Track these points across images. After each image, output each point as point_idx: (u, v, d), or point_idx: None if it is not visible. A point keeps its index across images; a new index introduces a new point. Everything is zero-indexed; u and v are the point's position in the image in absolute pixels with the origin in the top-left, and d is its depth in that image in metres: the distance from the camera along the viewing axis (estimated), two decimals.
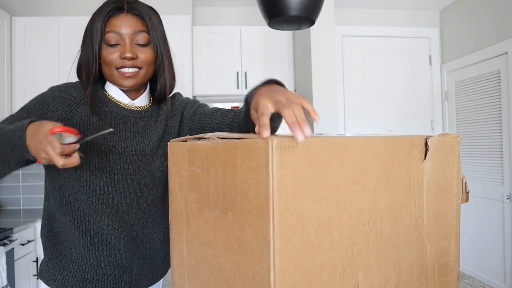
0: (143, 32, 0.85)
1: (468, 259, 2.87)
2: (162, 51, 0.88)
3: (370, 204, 0.50)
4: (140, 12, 0.85)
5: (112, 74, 0.85)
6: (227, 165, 0.50)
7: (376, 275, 0.50)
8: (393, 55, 3.18)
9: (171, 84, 0.95)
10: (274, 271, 0.42)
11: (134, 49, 0.84)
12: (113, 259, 0.87)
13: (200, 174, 0.57)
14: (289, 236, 0.43)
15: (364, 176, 0.49)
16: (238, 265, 0.48)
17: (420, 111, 3.19)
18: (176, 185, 0.65)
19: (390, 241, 0.52)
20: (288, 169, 0.43)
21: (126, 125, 0.90)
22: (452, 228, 0.58)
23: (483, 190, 2.75)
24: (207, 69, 2.92)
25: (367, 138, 0.51)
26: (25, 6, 2.84)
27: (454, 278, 0.58)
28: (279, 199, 0.42)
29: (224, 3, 3.12)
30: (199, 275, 0.59)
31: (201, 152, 0.57)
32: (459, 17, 2.99)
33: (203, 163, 0.56)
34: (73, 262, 0.86)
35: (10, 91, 2.64)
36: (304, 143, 0.44)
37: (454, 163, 0.59)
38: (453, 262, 0.58)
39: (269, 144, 0.42)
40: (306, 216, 0.44)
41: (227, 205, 0.50)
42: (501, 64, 2.57)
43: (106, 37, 0.83)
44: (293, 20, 1.43)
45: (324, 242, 0.46)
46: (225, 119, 0.92)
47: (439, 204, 0.57)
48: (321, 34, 2.56)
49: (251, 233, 0.46)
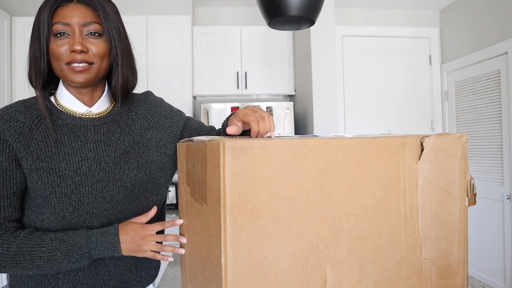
0: (94, 23, 0.77)
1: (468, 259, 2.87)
2: (116, 43, 0.80)
3: (340, 202, 0.52)
4: (91, 1, 0.77)
5: (62, 70, 0.77)
6: (202, 163, 0.57)
7: (348, 270, 0.52)
8: (393, 55, 3.18)
9: (129, 81, 0.86)
10: (225, 255, 0.47)
11: (84, 41, 0.76)
12: (73, 277, 0.82)
13: (191, 170, 0.64)
14: (243, 226, 0.48)
15: (334, 175, 0.52)
16: (208, 249, 0.54)
17: (420, 111, 3.19)
18: (181, 180, 0.75)
19: (369, 239, 0.53)
20: (242, 167, 0.48)
21: (86, 137, 0.82)
22: (455, 231, 0.57)
23: (483, 190, 2.75)
24: (207, 69, 2.92)
25: (341, 139, 0.53)
26: (25, 6, 2.84)
27: (457, 283, 0.57)
28: (231, 193, 0.48)
29: (224, 3, 3.12)
30: (192, 257, 0.67)
31: (191, 152, 0.65)
32: (459, 17, 2.99)
33: (193, 162, 0.64)
34: (31, 278, 0.82)
35: (10, 91, 2.64)
36: (260, 144, 0.49)
37: (456, 164, 0.57)
38: (457, 265, 0.57)
39: (220, 145, 0.48)
40: (262, 209, 0.49)
41: (202, 198, 0.57)
42: (501, 64, 2.57)
43: (54, 29, 0.75)
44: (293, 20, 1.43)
45: (282, 234, 0.50)
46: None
47: (438, 205, 0.57)
48: (321, 34, 2.56)
49: (213, 222, 0.51)
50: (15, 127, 0.76)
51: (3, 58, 2.56)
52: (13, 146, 0.76)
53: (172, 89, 2.79)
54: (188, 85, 2.81)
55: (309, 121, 2.68)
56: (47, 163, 0.77)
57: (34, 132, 0.78)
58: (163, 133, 0.92)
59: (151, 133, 0.90)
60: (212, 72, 2.92)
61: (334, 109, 2.58)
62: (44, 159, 0.77)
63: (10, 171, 0.76)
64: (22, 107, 0.80)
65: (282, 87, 2.98)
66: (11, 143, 0.76)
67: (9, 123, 0.76)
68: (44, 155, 0.77)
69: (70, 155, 0.79)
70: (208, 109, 2.75)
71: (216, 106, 2.75)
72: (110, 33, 0.79)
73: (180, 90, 2.80)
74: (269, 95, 3.13)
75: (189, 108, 2.81)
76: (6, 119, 0.77)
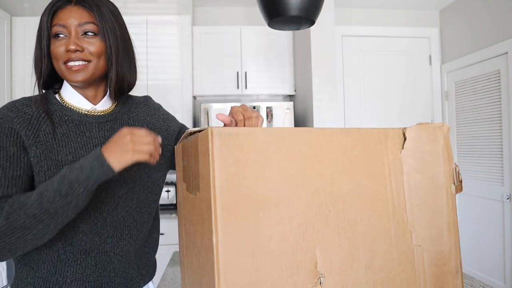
0: (90, 23, 0.81)
1: (468, 259, 2.87)
2: (111, 42, 0.83)
3: (327, 188, 0.54)
4: (88, 3, 0.82)
5: (61, 69, 0.82)
6: (195, 155, 0.59)
7: (338, 253, 0.53)
8: (393, 55, 3.18)
9: (126, 79, 0.88)
10: (216, 236, 0.49)
11: (79, 41, 0.80)
12: (80, 274, 0.83)
13: (187, 166, 0.66)
14: (232, 208, 0.50)
15: (318, 162, 0.54)
16: (201, 235, 0.56)
17: (420, 111, 3.20)
18: (178, 179, 0.76)
19: (357, 224, 0.55)
20: (229, 153, 0.50)
21: (91, 133, 0.85)
22: (444, 217, 0.59)
23: (483, 190, 2.75)
24: (207, 69, 2.92)
25: (324, 129, 0.56)
26: (25, 6, 2.85)
27: (451, 269, 0.58)
28: (219, 177, 0.49)
29: (224, 3, 3.12)
30: (188, 249, 0.68)
31: (186, 148, 0.66)
32: (459, 17, 3.00)
33: (187, 157, 0.65)
34: (37, 278, 0.82)
35: (10, 91, 2.64)
36: (245, 131, 0.51)
37: (439, 152, 0.59)
38: (448, 251, 0.58)
39: (209, 132, 0.50)
40: (250, 193, 0.51)
41: (196, 187, 0.59)
42: (501, 64, 2.57)
43: (53, 31, 0.81)
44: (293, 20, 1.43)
45: (271, 217, 0.51)
46: None
47: (425, 193, 0.58)
48: (321, 34, 2.56)
49: (205, 206, 0.53)
50: (24, 117, 0.80)
51: (3, 58, 2.57)
52: (21, 134, 0.78)
53: (172, 89, 2.79)
54: (188, 85, 2.81)
55: (309, 121, 2.68)
56: (55, 155, 0.80)
57: (41, 124, 0.81)
58: (161, 135, 0.96)
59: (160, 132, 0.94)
60: (212, 72, 2.92)
61: (334, 109, 2.58)
62: (51, 150, 0.80)
63: (18, 156, 0.78)
64: (28, 102, 0.83)
65: (282, 87, 2.99)
66: (19, 131, 0.78)
67: (17, 113, 0.79)
68: (51, 147, 0.80)
69: (76, 150, 0.82)
70: (208, 109, 2.75)
71: (216, 106, 2.75)
72: (105, 32, 0.82)
73: (180, 90, 2.80)
74: (269, 95, 3.13)
75: (189, 108, 2.81)
76: (14, 111, 0.80)
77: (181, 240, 0.77)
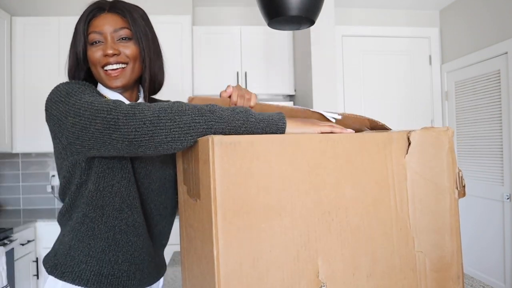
0: (124, 29, 0.86)
1: (468, 259, 2.87)
2: (144, 45, 0.88)
3: (331, 195, 0.53)
4: (121, 9, 0.87)
5: (99, 74, 0.87)
6: (196, 160, 0.58)
7: (340, 262, 0.53)
8: (393, 55, 3.18)
9: (157, 79, 0.96)
10: (217, 248, 0.48)
11: (116, 45, 0.85)
12: (130, 256, 0.88)
13: (187, 170, 0.66)
14: (233, 219, 0.49)
15: (322, 169, 0.53)
16: (202, 243, 0.55)
17: (420, 111, 3.19)
18: (179, 181, 0.78)
19: (360, 231, 0.54)
20: (231, 162, 0.49)
21: None
22: (446, 223, 0.58)
23: (483, 190, 2.75)
24: (207, 69, 2.92)
25: (327, 135, 0.55)
26: (25, 6, 2.85)
27: (452, 275, 0.58)
28: (221, 187, 0.49)
29: (224, 3, 3.12)
30: (189, 253, 0.68)
31: (186, 152, 0.66)
32: (459, 17, 2.99)
33: (188, 161, 0.65)
34: (91, 257, 0.85)
35: (10, 90, 2.64)
36: (248, 140, 0.50)
37: (444, 157, 0.59)
38: (450, 257, 0.58)
39: (209, 140, 0.49)
40: (252, 203, 0.49)
41: (197, 194, 0.58)
42: (501, 64, 2.56)
43: (90, 38, 0.86)
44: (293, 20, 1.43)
45: (273, 227, 0.50)
46: None
47: (428, 198, 0.58)
48: (321, 34, 2.56)
49: (205, 216, 0.52)
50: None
51: (3, 58, 2.56)
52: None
53: (172, 89, 2.78)
54: (188, 85, 2.80)
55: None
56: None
57: None
58: None
59: None
60: (212, 72, 2.92)
61: (334, 109, 2.58)
62: None
63: None
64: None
65: (282, 87, 2.98)
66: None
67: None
68: None
69: None
70: None
71: None
72: (138, 36, 0.87)
73: (180, 90, 2.80)
74: (269, 95, 3.13)
75: None
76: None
77: (182, 241, 0.78)
